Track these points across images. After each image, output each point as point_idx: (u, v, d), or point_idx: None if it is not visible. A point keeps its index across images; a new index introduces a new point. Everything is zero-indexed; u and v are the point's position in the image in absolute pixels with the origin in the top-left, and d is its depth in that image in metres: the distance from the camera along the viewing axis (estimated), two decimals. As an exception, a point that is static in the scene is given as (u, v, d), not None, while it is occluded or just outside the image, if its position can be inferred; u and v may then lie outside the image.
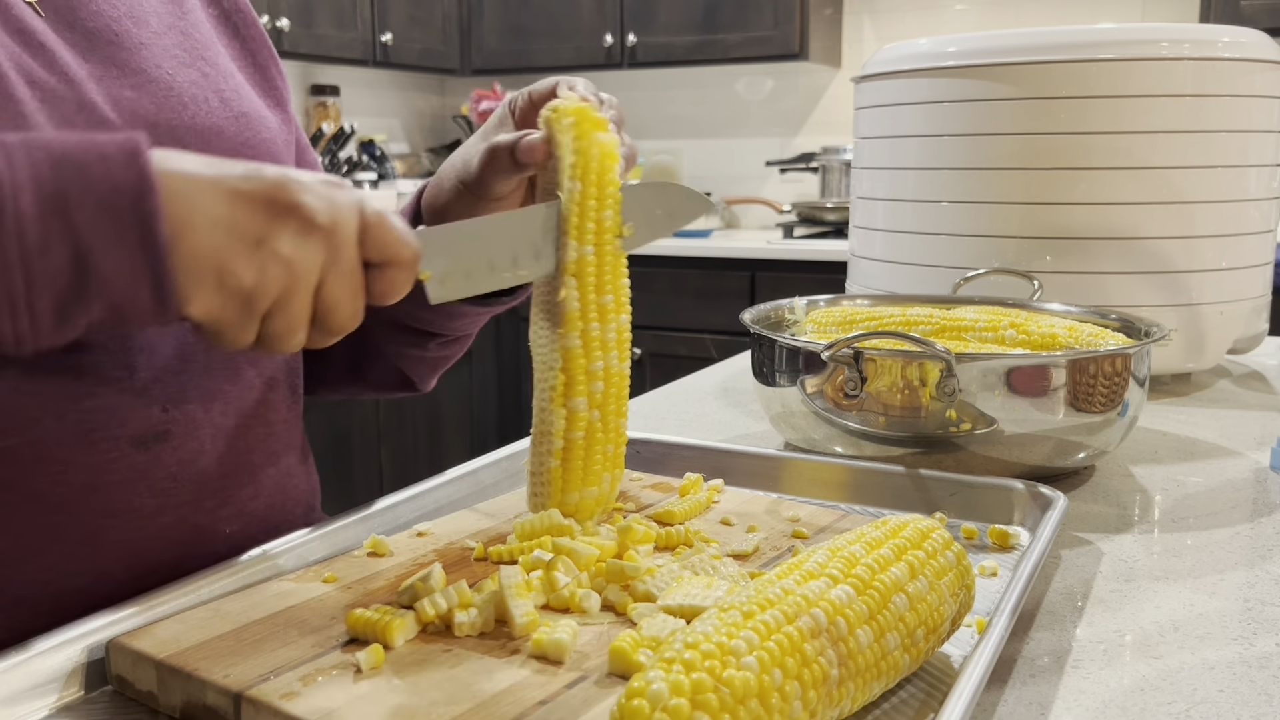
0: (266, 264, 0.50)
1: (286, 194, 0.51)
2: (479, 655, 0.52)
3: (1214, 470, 0.91)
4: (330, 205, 0.52)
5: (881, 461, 0.80)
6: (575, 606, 0.57)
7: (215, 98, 0.70)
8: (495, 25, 3.72)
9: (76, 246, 0.46)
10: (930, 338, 0.92)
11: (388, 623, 0.52)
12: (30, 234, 0.45)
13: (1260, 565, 0.70)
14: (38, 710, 0.50)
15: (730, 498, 0.77)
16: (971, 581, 0.55)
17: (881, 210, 1.26)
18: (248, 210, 0.50)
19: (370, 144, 3.61)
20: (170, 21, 0.70)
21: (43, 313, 0.47)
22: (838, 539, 0.53)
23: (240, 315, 0.51)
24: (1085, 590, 0.67)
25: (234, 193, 0.50)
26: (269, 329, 0.52)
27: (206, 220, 0.49)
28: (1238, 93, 1.10)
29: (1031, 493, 0.73)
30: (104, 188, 0.47)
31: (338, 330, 0.54)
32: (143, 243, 0.47)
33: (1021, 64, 1.10)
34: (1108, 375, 0.80)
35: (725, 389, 1.23)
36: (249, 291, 0.50)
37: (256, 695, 0.47)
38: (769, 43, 3.31)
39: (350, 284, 0.53)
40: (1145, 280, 1.13)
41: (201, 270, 0.49)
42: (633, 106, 3.95)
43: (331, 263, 0.52)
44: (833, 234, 3.22)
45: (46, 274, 0.46)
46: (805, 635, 0.44)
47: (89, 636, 0.53)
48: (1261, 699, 0.53)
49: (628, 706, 0.39)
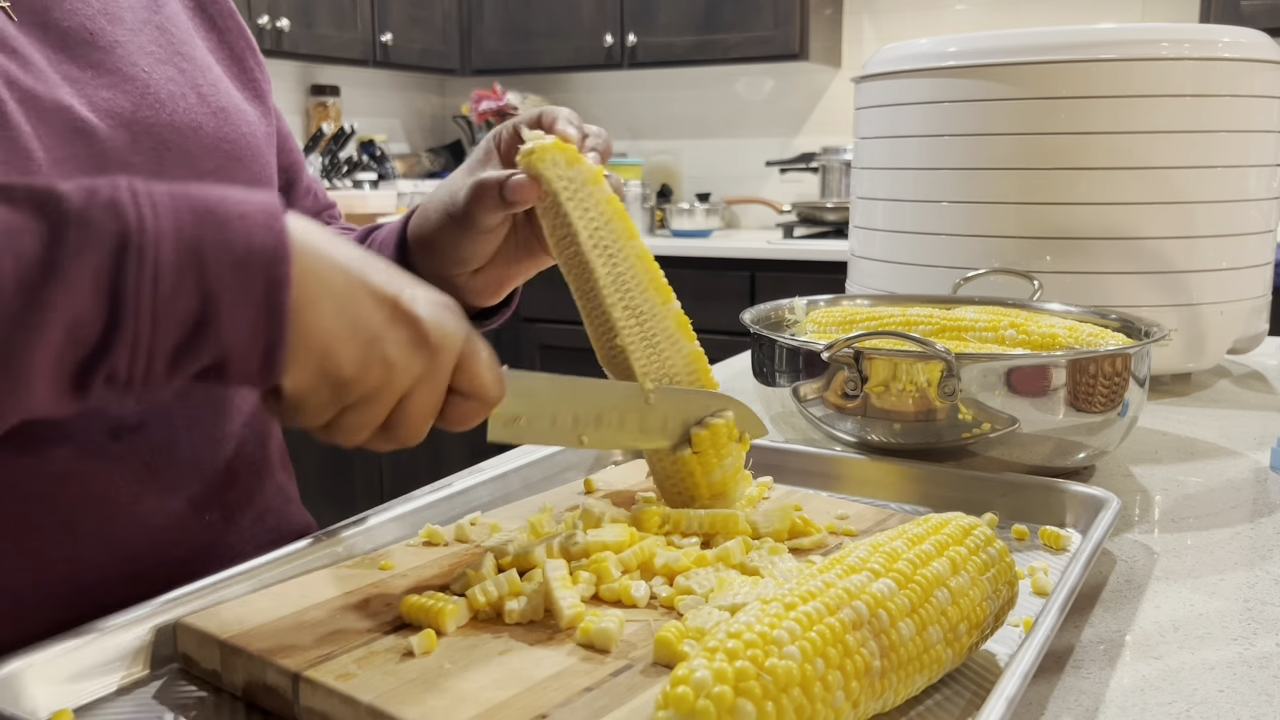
0: (371, 361, 0.52)
1: (409, 304, 0.53)
2: (527, 643, 0.53)
3: (1214, 470, 0.91)
4: (440, 327, 0.54)
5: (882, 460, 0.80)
6: (626, 597, 0.58)
7: (193, 94, 0.69)
8: (495, 25, 3.72)
9: (205, 299, 0.48)
10: (930, 338, 0.92)
11: (440, 609, 0.54)
12: (165, 282, 0.46)
13: (1260, 565, 0.70)
14: (106, 686, 0.52)
15: (779, 495, 0.78)
16: (1014, 578, 0.56)
17: (881, 210, 1.26)
18: (372, 306, 0.52)
19: (370, 144, 3.61)
20: (145, 17, 0.69)
21: (160, 357, 0.48)
22: (879, 535, 0.53)
23: (327, 399, 0.52)
24: (1085, 590, 0.67)
25: (365, 286, 0.52)
26: (343, 420, 0.54)
27: (332, 303, 0.50)
28: (1238, 93, 1.10)
29: (1084, 494, 0.72)
30: (240, 247, 0.48)
31: (400, 441, 0.56)
32: (267, 306, 0.48)
33: (1022, 64, 1.10)
34: (1108, 375, 0.80)
35: (725, 389, 1.22)
36: (346, 381, 0.51)
37: (314, 676, 0.49)
38: (769, 43, 3.31)
39: (433, 402, 0.55)
40: (1145, 280, 1.13)
41: (311, 347, 0.50)
42: (633, 106, 3.95)
43: (425, 379, 0.54)
44: (833, 234, 3.22)
45: (172, 319, 0.47)
46: (847, 627, 0.45)
47: (156, 616, 0.55)
48: (1261, 699, 0.53)
49: (673, 694, 0.40)
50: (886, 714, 0.49)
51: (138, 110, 0.65)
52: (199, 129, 0.68)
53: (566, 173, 0.66)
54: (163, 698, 0.52)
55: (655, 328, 0.68)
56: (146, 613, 0.55)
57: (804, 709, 0.41)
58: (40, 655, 0.50)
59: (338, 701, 0.48)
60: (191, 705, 0.52)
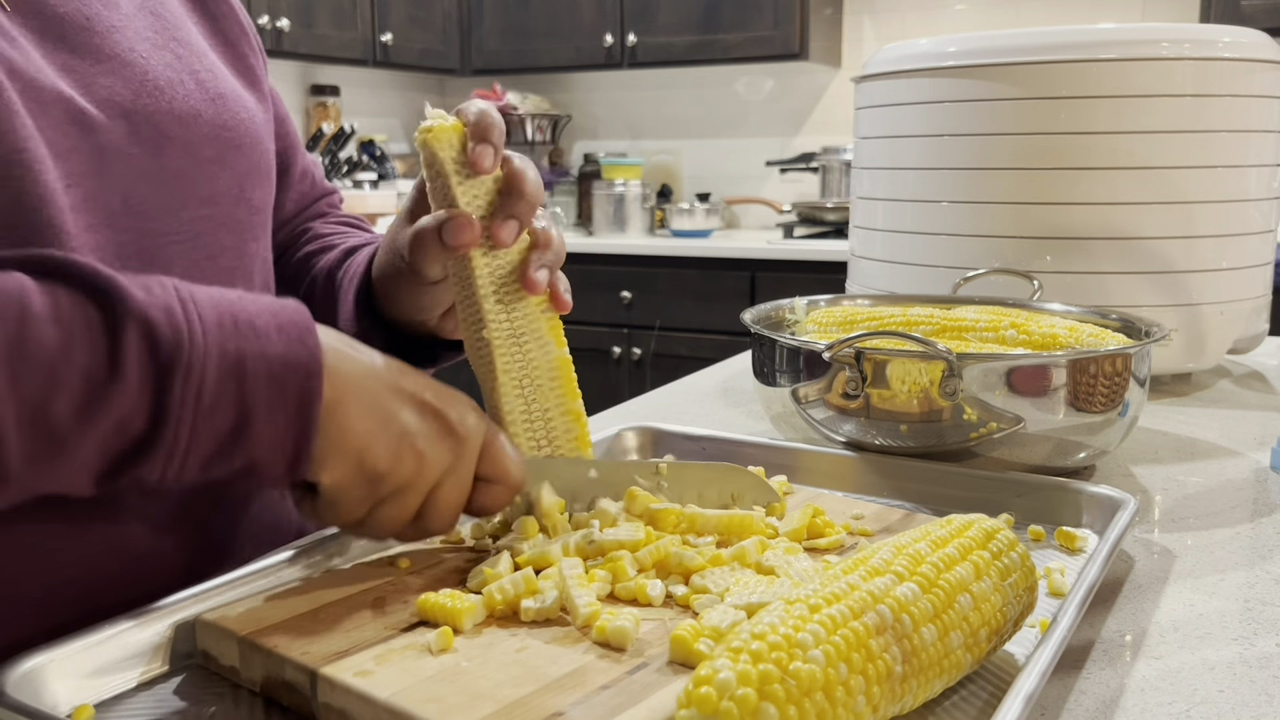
0: (404, 454, 0.55)
1: (435, 399, 0.57)
2: (543, 641, 0.53)
3: (1214, 470, 0.91)
4: (463, 419, 0.58)
5: (883, 459, 0.80)
6: (642, 596, 0.58)
7: (191, 80, 0.67)
8: (495, 25, 3.72)
9: (241, 411, 0.50)
10: (931, 338, 0.92)
11: (457, 607, 0.54)
12: (207, 396, 0.49)
13: (1260, 565, 0.70)
14: (126, 681, 0.53)
15: (795, 495, 0.77)
16: (1034, 584, 0.55)
17: (881, 210, 1.26)
18: (400, 402, 0.56)
19: (370, 144, 3.61)
20: (139, 2, 0.68)
21: (193, 465, 0.50)
22: (902, 536, 0.53)
23: (364, 493, 0.55)
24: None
25: (393, 385, 0.56)
26: (378, 514, 0.57)
27: (363, 404, 0.54)
28: (1238, 93, 1.10)
29: (1100, 494, 0.72)
30: (277, 363, 0.51)
31: (433, 530, 0.59)
32: (299, 417, 0.52)
33: (1022, 64, 1.11)
34: (1108, 375, 0.80)
35: (725, 389, 1.23)
36: (381, 475, 0.55)
37: (332, 672, 0.49)
38: (769, 43, 3.31)
39: (461, 490, 0.59)
40: (1145, 280, 1.13)
41: (347, 446, 0.54)
42: (633, 106, 3.95)
43: (454, 468, 0.58)
44: (833, 234, 3.22)
45: (209, 432, 0.50)
46: (871, 631, 0.44)
47: (176, 613, 0.56)
48: (1261, 699, 0.53)
49: (695, 694, 0.40)
50: (903, 716, 0.49)
51: (137, 98, 0.63)
52: (198, 116, 0.67)
53: (461, 156, 0.63)
54: (182, 693, 0.53)
55: (525, 327, 0.66)
56: (166, 609, 0.55)
57: (825, 713, 0.41)
58: (61, 651, 0.51)
59: (355, 698, 0.48)
60: (210, 701, 0.52)
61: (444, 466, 0.57)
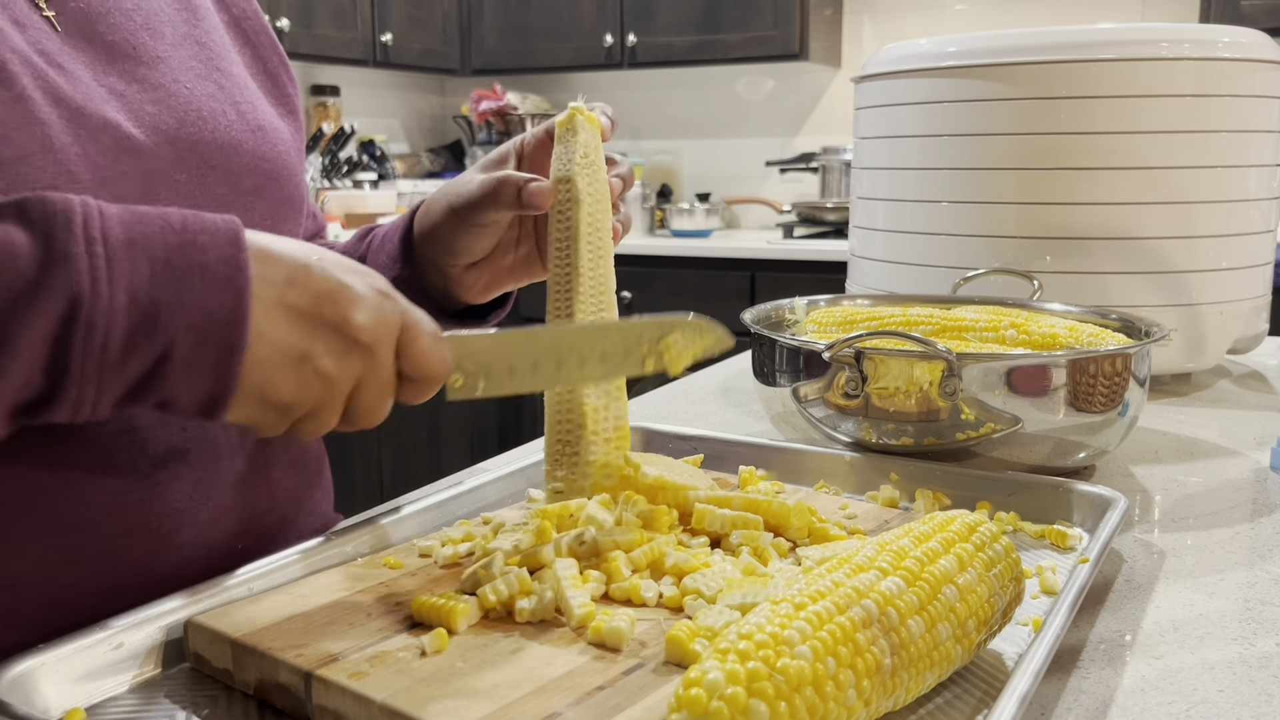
0: (307, 380, 0.52)
1: (334, 308, 0.52)
2: (538, 642, 0.53)
3: (1214, 470, 0.91)
4: (374, 321, 0.53)
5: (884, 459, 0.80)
6: (635, 597, 0.58)
7: (233, 110, 0.69)
8: (495, 25, 3.72)
9: (156, 361, 0.48)
10: (931, 338, 0.92)
11: (451, 608, 0.54)
12: (114, 349, 0.47)
13: (1260, 565, 0.71)
14: (118, 685, 0.53)
15: (787, 494, 0.77)
16: (1021, 574, 0.56)
17: (881, 210, 1.26)
18: (291, 325, 0.51)
19: (370, 144, 3.61)
20: (185, 31, 0.69)
21: (104, 408, 0.49)
22: (885, 534, 0.54)
23: (275, 419, 0.53)
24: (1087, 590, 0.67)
25: (281, 305, 0.51)
26: (299, 428, 0.55)
27: (257, 334, 0.50)
28: (1238, 93, 1.11)
29: (1091, 493, 0.73)
30: (196, 314, 0.48)
31: (364, 426, 0.56)
32: (217, 369, 0.49)
33: (1021, 64, 1.11)
34: (1108, 375, 0.80)
35: (725, 389, 1.23)
36: (288, 404, 0.52)
37: (326, 674, 0.49)
38: (769, 43, 3.31)
39: (380, 393, 0.55)
40: (1145, 280, 1.13)
41: (247, 386, 0.50)
42: (633, 106, 3.95)
43: (368, 377, 0.54)
44: (833, 234, 3.22)
45: (119, 380, 0.48)
46: (857, 625, 0.45)
47: (168, 616, 0.55)
48: (1261, 699, 0.53)
49: (685, 696, 0.40)
50: (897, 712, 0.49)
51: (181, 127, 0.64)
52: (239, 147, 0.68)
53: (594, 141, 0.71)
54: (174, 696, 0.52)
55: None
56: (158, 612, 0.55)
57: (816, 708, 0.42)
58: (52, 654, 0.51)
59: (350, 700, 0.48)
60: (203, 704, 0.52)
61: (354, 378, 0.53)
